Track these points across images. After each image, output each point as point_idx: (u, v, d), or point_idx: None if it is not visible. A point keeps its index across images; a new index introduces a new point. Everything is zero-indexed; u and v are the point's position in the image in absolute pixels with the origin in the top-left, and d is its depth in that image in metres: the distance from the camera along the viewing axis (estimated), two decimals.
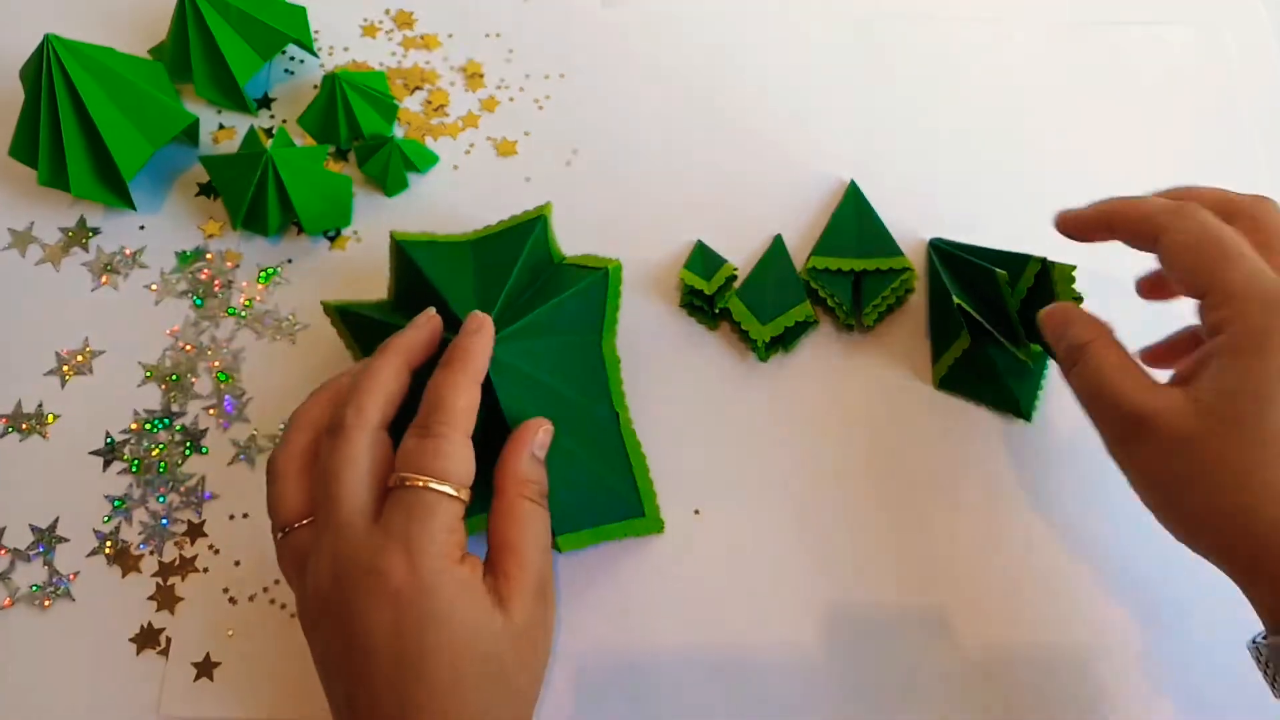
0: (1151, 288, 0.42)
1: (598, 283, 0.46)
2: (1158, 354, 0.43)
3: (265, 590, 0.44)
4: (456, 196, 0.52)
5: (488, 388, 0.40)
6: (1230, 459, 0.32)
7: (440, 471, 0.34)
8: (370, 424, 0.36)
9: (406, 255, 0.43)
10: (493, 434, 0.42)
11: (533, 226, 0.46)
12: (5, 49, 0.53)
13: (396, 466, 0.35)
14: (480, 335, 0.38)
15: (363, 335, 0.45)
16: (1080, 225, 0.40)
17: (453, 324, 0.41)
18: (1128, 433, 0.35)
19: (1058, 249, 0.52)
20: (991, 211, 0.53)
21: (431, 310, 0.40)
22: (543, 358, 0.43)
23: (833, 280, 0.49)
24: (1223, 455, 0.32)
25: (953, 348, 0.46)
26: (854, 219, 0.51)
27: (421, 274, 0.42)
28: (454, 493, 0.34)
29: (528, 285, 0.44)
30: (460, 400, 0.36)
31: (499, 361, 0.41)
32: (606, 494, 0.44)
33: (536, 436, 0.39)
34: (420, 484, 0.34)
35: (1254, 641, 0.34)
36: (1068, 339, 0.38)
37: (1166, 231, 0.35)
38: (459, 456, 0.35)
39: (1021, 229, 0.52)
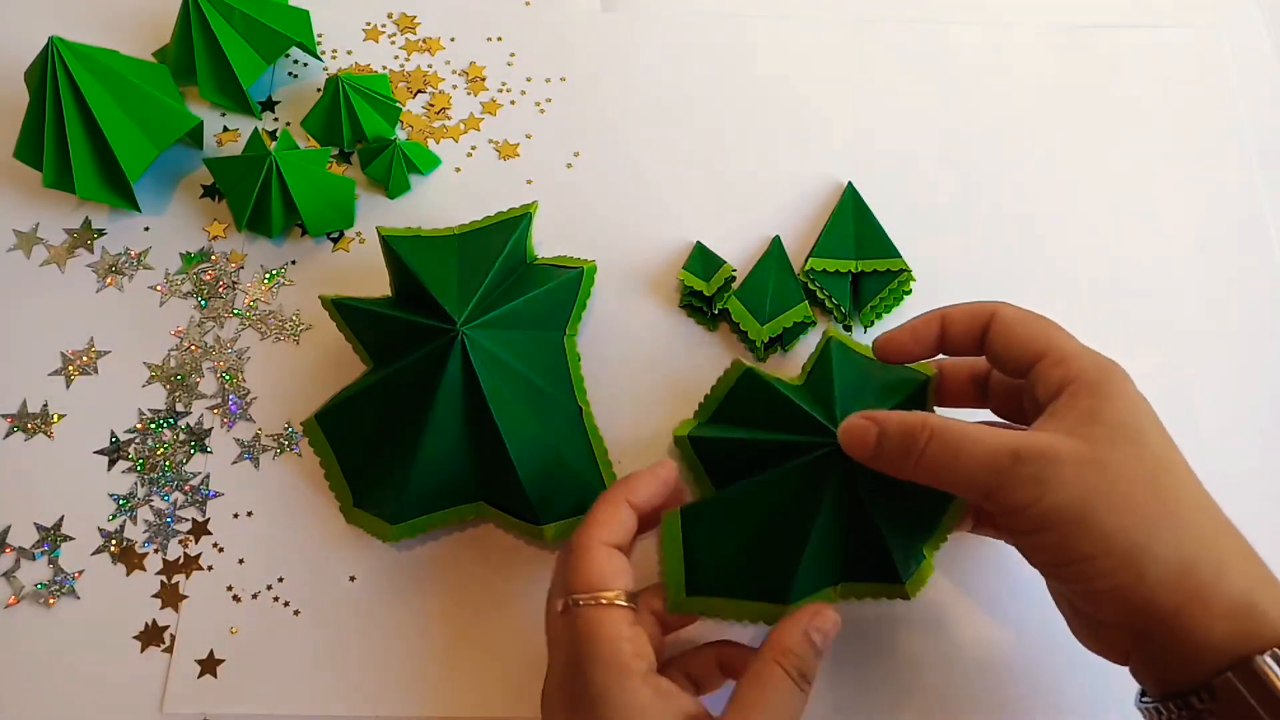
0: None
1: (572, 281, 0.47)
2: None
3: (269, 588, 0.44)
4: (458, 198, 0.52)
5: (470, 377, 0.41)
6: (1140, 473, 0.33)
7: (582, 585, 0.36)
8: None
9: (391, 249, 0.44)
10: (480, 428, 0.42)
11: (517, 224, 0.47)
12: (10, 51, 0.54)
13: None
14: (655, 470, 0.40)
15: (362, 329, 0.46)
16: (910, 339, 0.41)
17: (437, 312, 0.42)
18: (1036, 473, 0.33)
19: (1053, 251, 0.53)
20: (988, 213, 0.53)
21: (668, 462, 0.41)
22: (518, 348, 0.44)
23: (831, 281, 0.49)
24: (1130, 470, 0.33)
25: None
26: (852, 221, 0.51)
27: (406, 266, 0.43)
28: (608, 600, 0.35)
29: (504, 279, 0.45)
30: (599, 512, 0.38)
31: (480, 346, 0.42)
32: (580, 485, 0.45)
33: (815, 620, 0.37)
34: (574, 602, 0.36)
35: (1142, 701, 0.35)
36: (905, 431, 0.36)
37: (1000, 310, 0.39)
38: (594, 567, 0.36)
39: (1018, 230, 0.53)
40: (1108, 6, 0.59)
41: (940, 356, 0.42)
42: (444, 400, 0.42)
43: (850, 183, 0.52)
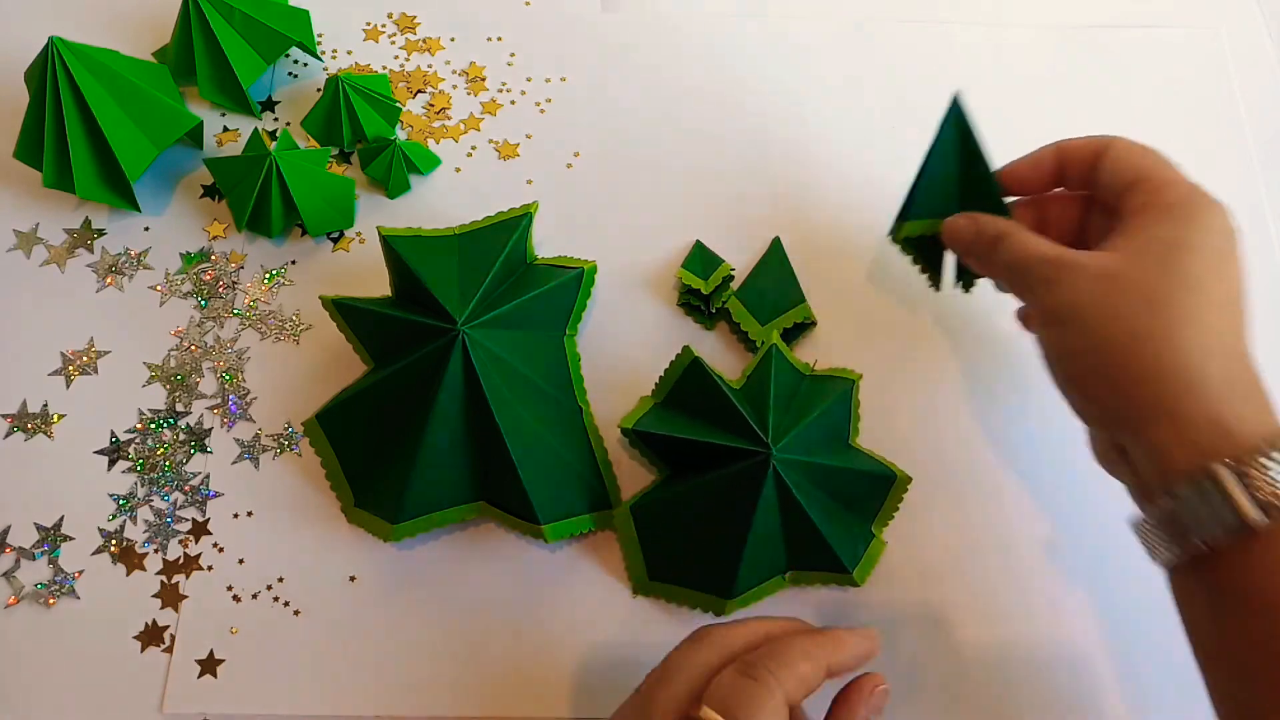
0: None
1: (572, 281, 0.47)
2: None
3: (269, 588, 0.44)
4: (458, 198, 0.52)
5: (471, 376, 0.42)
6: (1153, 287, 0.35)
7: None
8: (787, 694, 0.32)
9: (392, 248, 0.44)
10: (480, 428, 0.42)
11: (518, 224, 0.47)
12: (10, 51, 0.54)
13: (706, 697, 0.32)
14: (864, 644, 0.36)
15: (363, 329, 0.46)
16: (1031, 171, 0.43)
17: (438, 311, 0.42)
18: (1053, 275, 0.37)
19: None
20: None
21: (874, 631, 0.37)
22: (518, 348, 0.44)
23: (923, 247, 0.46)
24: (1144, 283, 0.35)
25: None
26: (956, 164, 0.46)
27: (407, 266, 0.43)
28: None
29: (505, 279, 0.46)
30: (804, 667, 0.33)
31: (480, 346, 0.42)
32: (580, 485, 0.45)
33: (874, 699, 0.36)
34: None
35: (1140, 522, 0.36)
36: (986, 232, 0.41)
37: (1114, 143, 0.41)
38: (777, 716, 0.32)
39: None
40: (1107, 6, 0.59)
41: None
42: (445, 400, 0.42)
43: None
